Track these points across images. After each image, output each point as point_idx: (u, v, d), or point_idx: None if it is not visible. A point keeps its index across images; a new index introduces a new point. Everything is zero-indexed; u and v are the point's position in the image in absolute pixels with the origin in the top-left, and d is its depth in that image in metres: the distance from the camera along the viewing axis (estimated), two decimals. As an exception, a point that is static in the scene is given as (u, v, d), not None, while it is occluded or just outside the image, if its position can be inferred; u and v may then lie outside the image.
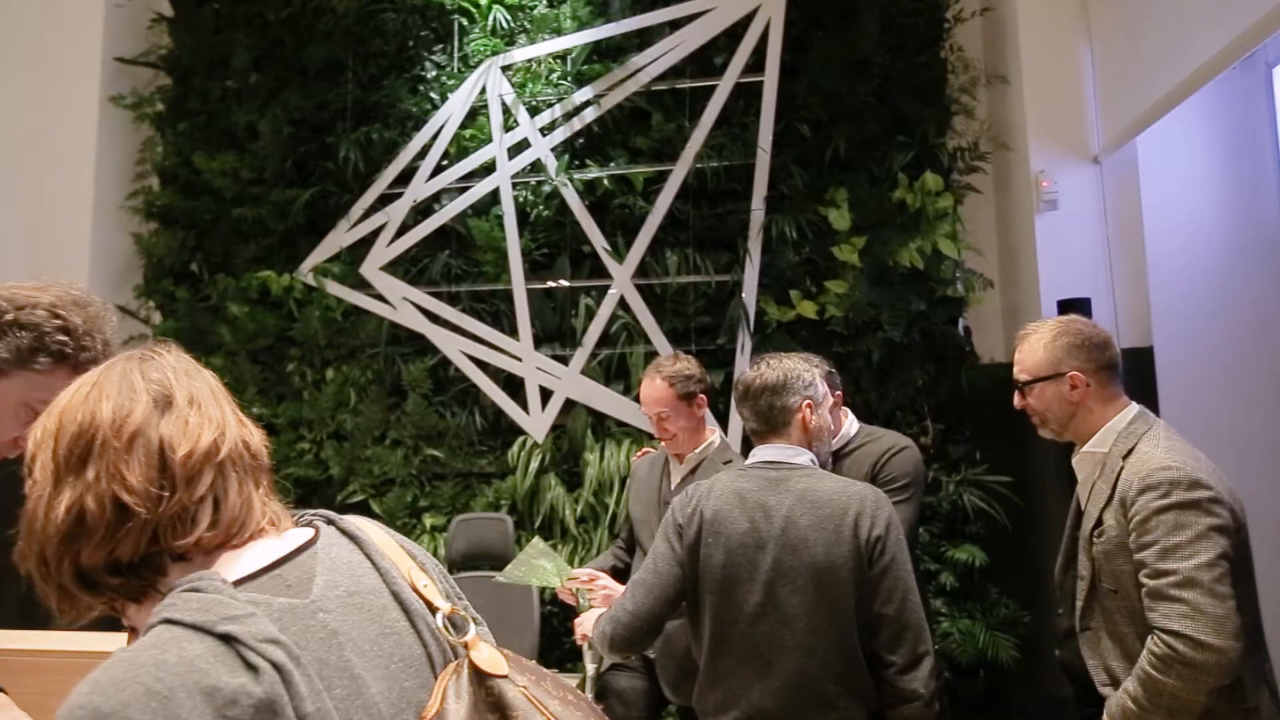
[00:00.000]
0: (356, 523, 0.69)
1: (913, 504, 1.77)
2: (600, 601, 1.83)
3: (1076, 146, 2.75)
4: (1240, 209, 2.65)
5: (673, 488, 1.97)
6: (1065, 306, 2.45)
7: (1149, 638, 1.24)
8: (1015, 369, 1.49)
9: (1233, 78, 2.57)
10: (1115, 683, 1.33)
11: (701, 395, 1.95)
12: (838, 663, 1.29)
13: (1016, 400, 1.49)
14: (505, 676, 0.63)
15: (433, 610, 0.66)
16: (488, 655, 0.64)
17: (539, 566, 1.93)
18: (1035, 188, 2.73)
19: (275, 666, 0.52)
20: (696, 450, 1.95)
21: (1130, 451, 1.33)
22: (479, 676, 0.63)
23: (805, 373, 1.45)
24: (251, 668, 0.51)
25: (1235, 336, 2.61)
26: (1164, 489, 1.24)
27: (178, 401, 0.61)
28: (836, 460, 1.86)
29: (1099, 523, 1.35)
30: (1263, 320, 2.59)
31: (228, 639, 0.52)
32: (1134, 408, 1.41)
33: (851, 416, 1.91)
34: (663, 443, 2.00)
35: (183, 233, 3.34)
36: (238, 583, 0.57)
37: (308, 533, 0.66)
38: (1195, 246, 2.66)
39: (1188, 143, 2.68)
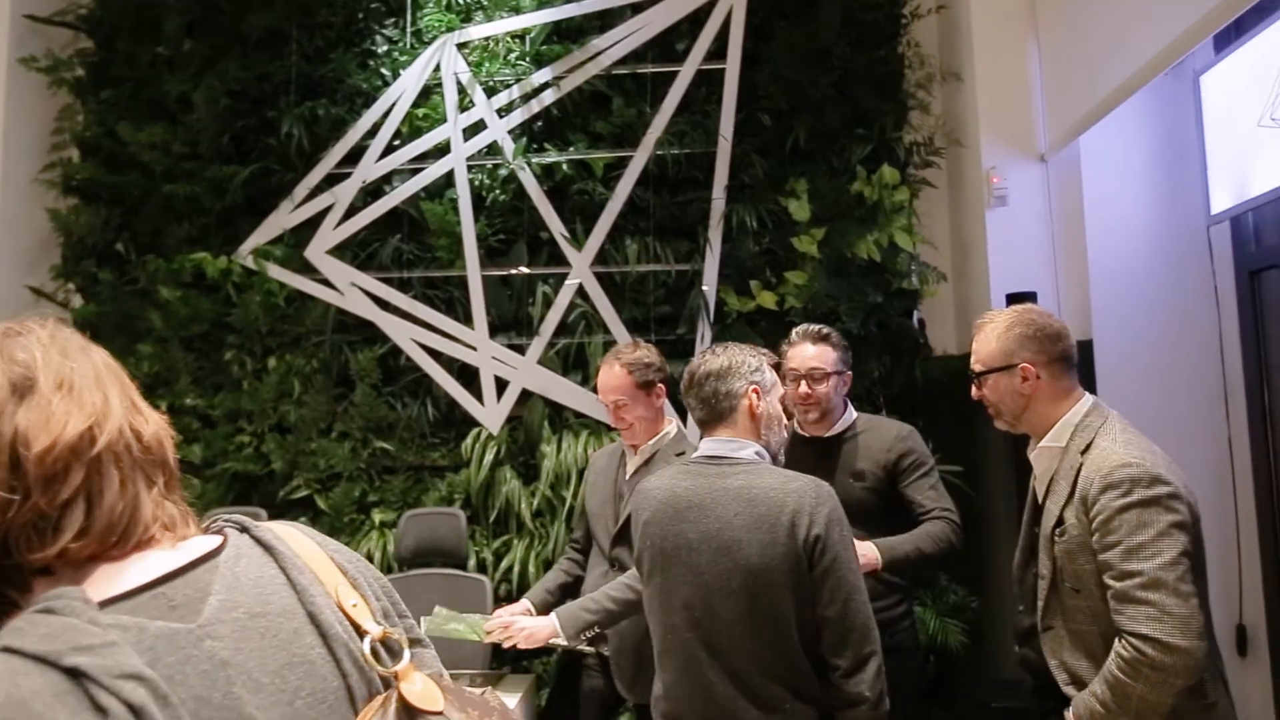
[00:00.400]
0: (276, 530, 0.60)
1: (940, 482, 1.86)
2: (524, 642, 1.75)
3: (1025, 145, 2.81)
4: (1172, 209, 2.77)
5: (627, 479, 1.93)
6: (1014, 300, 2.50)
7: (1116, 641, 1.23)
8: (971, 359, 1.48)
9: (1165, 84, 2.67)
10: (1077, 682, 1.32)
11: (660, 385, 1.92)
12: (778, 666, 1.26)
13: (973, 391, 1.47)
14: (439, 714, 0.56)
15: (361, 634, 0.57)
16: (420, 688, 0.56)
17: (453, 630, 1.86)
18: (986, 184, 2.79)
19: (131, 709, 0.44)
20: (651, 441, 1.92)
21: (1088, 447, 1.33)
22: (409, 713, 0.55)
23: (751, 358, 1.41)
24: (100, 710, 0.43)
25: (1169, 331, 2.73)
26: (1125, 487, 1.24)
27: (41, 386, 0.52)
28: (840, 445, 1.88)
29: (1060, 521, 1.34)
30: (1192, 316, 2.71)
31: (75, 674, 0.43)
32: (1088, 400, 1.41)
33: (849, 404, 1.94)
34: (620, 433, 1.96)
35: (106, 209, 3.10)
36: (107, 602, 0.49)
37: (213, 542, 0.57)
38: (1132, 244, 2.77)
39: (1126, 144, 2.78)
